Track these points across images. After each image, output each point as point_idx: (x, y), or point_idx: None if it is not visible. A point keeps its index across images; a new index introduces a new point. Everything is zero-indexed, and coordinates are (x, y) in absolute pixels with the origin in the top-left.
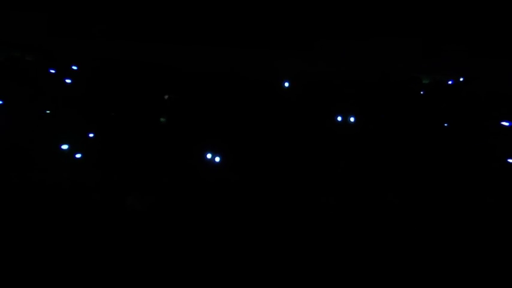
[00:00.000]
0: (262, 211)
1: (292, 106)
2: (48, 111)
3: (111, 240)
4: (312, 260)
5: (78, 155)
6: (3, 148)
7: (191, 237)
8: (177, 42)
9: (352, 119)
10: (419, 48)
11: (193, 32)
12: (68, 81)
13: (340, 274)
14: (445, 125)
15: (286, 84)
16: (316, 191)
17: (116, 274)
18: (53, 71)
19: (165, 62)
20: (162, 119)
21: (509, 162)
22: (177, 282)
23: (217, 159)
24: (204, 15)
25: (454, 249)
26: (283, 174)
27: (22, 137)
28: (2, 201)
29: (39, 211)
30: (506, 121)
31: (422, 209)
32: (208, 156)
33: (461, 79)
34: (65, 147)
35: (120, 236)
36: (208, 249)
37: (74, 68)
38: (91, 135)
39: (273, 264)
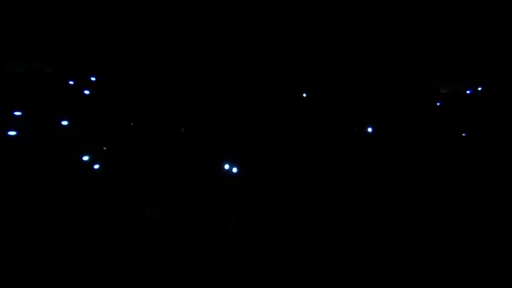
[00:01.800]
0: (278, 220)
1: (310, 116)
2: (66, 122)
3: (127, 249)
4: (329, 269)
5: (96, 166)
6: (22, 158)
7: (207, 247)
8: (194, 53)
9: (369, 129)
10: (436, 57)
11: (210, 43)
12: (87, 92)
13: (358, 281)
14: (463, 134)
15: (304, 95)
16: (333, 201)
17: (132, 283)
18: (71, 83)
19: (182, 73)
20: (182, 129)
21: None
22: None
23: (234, 169)
24: (221, 27)
25: (472, 259)
26: (300, 184)
27: (41, 147)
28: (21, 210)
29: (57, 220)
30: None
31: (441, 219)
32: (226, 167)
33: (479, 88)
34: (83, 158)
35: (137, 245)
36: (224, 258)
37: (93, 79)
38: (109, 146)
39: (289, 271)
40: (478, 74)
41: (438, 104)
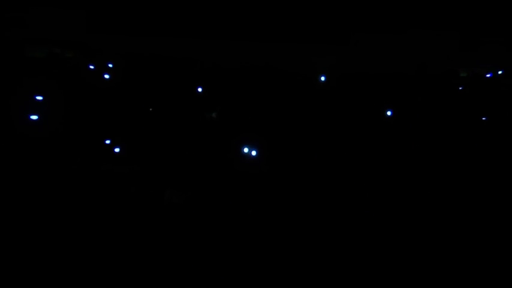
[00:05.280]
0: (295, 207)
1: (328, 100)
2: (88, 106)
3: (147, 232)
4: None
5: (117, 149)
6: (45, 142)
7: (226, 231)
8: (214, 37)
9: (389, 113)
10: (456, 41)
11: (229, 27)
12: (107, 76)
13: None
14: (483, 119)
15: (323, 79)
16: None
17: (150, 264)
18: (92, 67)
19: (201, 58)
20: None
21: None
22: (210, 273)
23: (253, 153)
24: (240, 11)
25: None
26: (320, 168)
27: (61, 131)
28: (42, 191)
29: (79, 202)
30: None
31: (461, 202)
32: (245, 150)
33: (500, 72)
34: (105, 141)
35: (156, 228)
36: (241, 242)
37: (110, 66)
38: (129, 130)
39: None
40: (499, 57)
41: (460, 88)
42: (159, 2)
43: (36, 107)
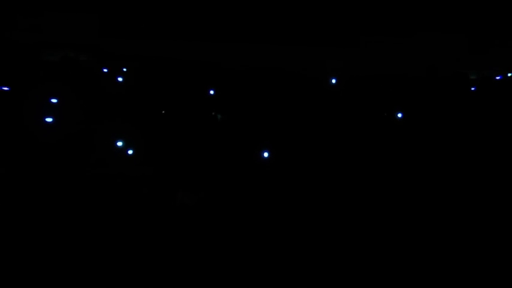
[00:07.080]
0: (308, 208)
1: (339, 102)
2: (102, 109)
3: (159, 232)
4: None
5: (130, 151)
6: (59, 144)
7: (237, 232)
8: (226, 40)
9: (399, 115)
10: (465, 43)
11: (240, 30)
12: (120, 79)
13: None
14: (494, 121)
15: (333, 81)
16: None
17: (162, 265)
18: (105, 70)
19: (213, 61)
20: (219, 116)
21: None
22: (221, 273)
23: (265, 154)
24: (252, 14)
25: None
26: (330, 170)
27: (76, 134)
28: (57, 193)
29: (92, 203)
30: None
31: (475, 202)
32: (257, 152)
33: (510, 74)
34: (118, 143)
35: (168, 229)
36: (253, 243)
37: (124, 69)
38: (142, 132)
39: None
40: (509, 59)
41: (473, 89)
42: (171, 6)
43: (51, 110)
